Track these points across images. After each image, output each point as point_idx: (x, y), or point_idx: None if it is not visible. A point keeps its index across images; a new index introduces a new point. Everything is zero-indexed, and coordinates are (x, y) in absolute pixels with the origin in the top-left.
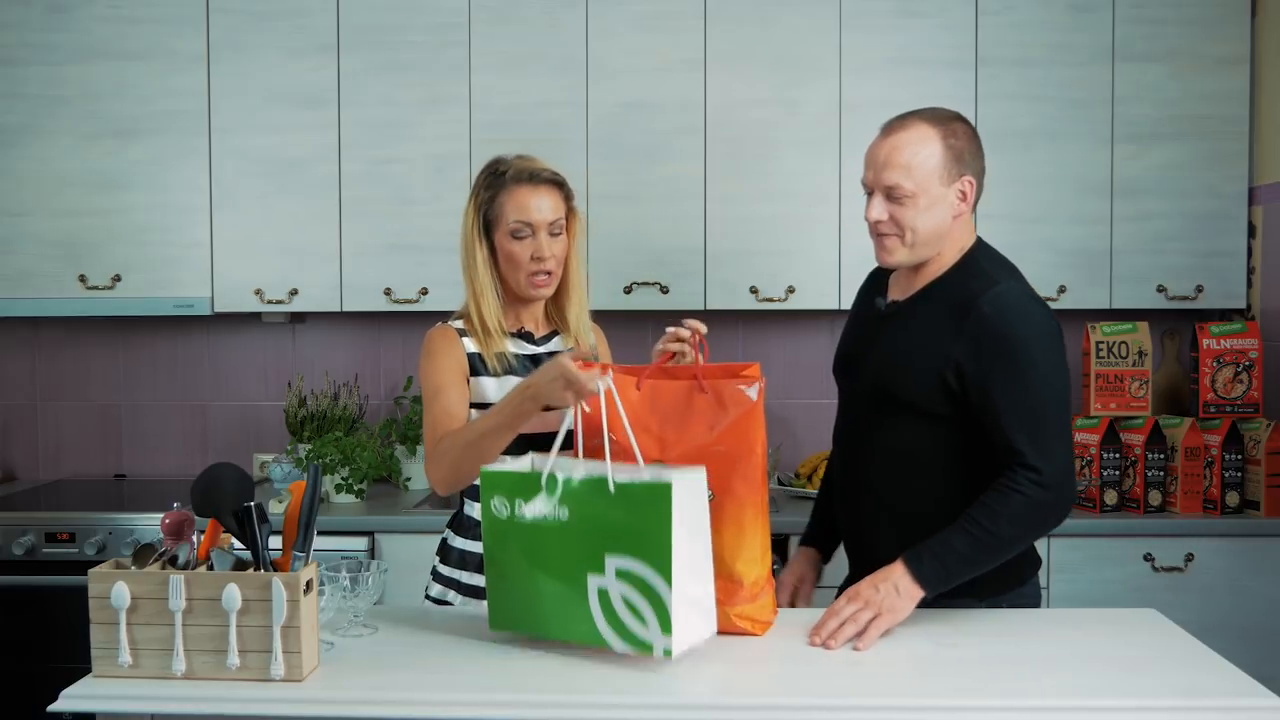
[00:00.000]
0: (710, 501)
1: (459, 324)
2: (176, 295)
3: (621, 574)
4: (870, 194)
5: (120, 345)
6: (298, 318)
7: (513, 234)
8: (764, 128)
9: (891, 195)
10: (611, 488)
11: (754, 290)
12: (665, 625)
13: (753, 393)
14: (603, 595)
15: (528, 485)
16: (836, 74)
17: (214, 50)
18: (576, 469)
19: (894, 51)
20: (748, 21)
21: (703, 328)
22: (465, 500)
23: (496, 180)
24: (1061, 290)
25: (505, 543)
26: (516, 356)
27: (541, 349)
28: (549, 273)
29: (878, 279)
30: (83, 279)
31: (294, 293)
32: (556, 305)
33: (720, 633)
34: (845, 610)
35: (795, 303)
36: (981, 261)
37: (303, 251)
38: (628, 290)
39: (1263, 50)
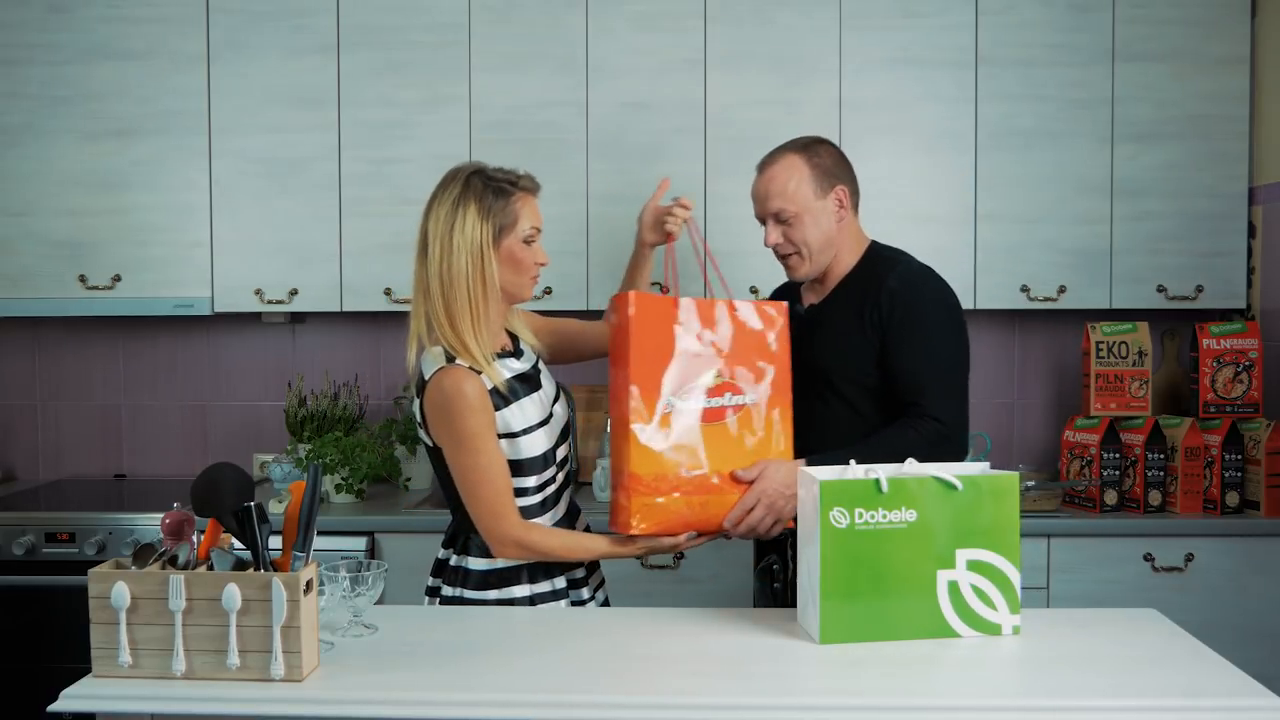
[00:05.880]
0: (753, 404)
1: (462, 362)
2: (176, 295)
3: (973, 565)
4: (764, 223)
5: (120, 345)
6: (298, 318)
7: (526, 240)
8: (764, 128)
9: (780, 219)
10: (959, 485)
11: (754, 290)
12: (1014, 605)
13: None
14: (952, 587)
15: (866, 493)
16: (836, 74)
17: (214, 50)
18: (903, 472)
19: (894, 51)
20: (748, 21)
21: (689, 202)
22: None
23: (509, 188)
24: (1061, 290)
25: (845, 552)
26: (516, 378)
27: (528, 364)
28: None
29: (788, 293)
30: (83, 279)
31: (294, 293)
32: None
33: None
34: (758, 517)
35: None
36: (881, 254)
37: (303, 251)
38: None
39: (1263, 50)
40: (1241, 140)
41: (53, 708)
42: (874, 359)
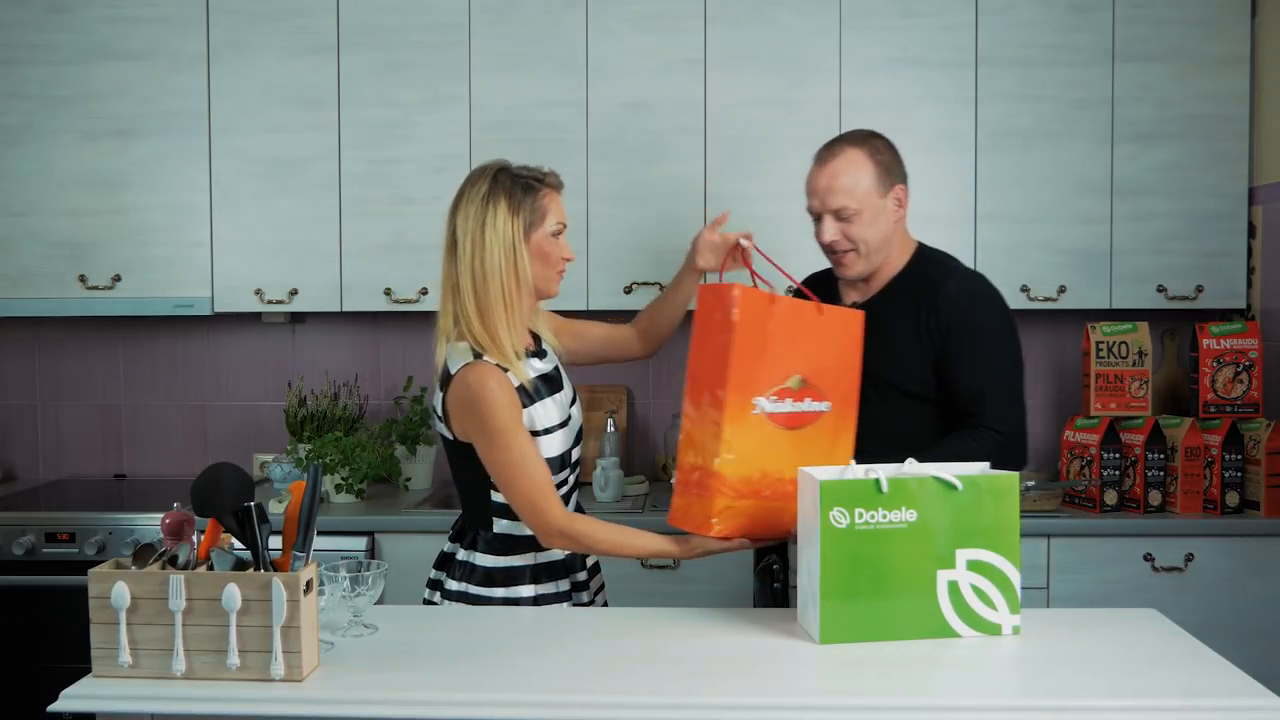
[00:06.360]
0: (829, 412)
1: (490, 359)
2: (176, 295)
3: (973, 565)
4: (819, 218)
5: (120, 345)
6: (298, 318)
7: (553, 234)
8: (764, 128)
9: (840, 216)
10: (959, 485)
11: None
12: (1014, 605)
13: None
14: (952, 587)
15: (866, 493)
16: (836, 74)
17: (214, 50)
18: (904, 472)
19: (894, 51)
20: (748, 21)
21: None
22: (495, 520)
23: (536, 184)
24: (1061, 290)
25: (845, 552)
26: (540, 378)
27: (550, 365)
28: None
29: (824, 286)
30: (83, 279)
31: (294, 293)
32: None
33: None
34: None
35: None
36: (931, 256)
37: (303, 251)
38: (628, 290)
39: (1263, 50)
40: (1241, 140)
41: (53, 708)
42: (928, 365)
